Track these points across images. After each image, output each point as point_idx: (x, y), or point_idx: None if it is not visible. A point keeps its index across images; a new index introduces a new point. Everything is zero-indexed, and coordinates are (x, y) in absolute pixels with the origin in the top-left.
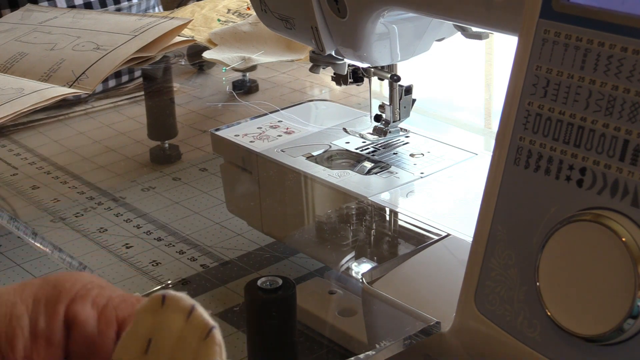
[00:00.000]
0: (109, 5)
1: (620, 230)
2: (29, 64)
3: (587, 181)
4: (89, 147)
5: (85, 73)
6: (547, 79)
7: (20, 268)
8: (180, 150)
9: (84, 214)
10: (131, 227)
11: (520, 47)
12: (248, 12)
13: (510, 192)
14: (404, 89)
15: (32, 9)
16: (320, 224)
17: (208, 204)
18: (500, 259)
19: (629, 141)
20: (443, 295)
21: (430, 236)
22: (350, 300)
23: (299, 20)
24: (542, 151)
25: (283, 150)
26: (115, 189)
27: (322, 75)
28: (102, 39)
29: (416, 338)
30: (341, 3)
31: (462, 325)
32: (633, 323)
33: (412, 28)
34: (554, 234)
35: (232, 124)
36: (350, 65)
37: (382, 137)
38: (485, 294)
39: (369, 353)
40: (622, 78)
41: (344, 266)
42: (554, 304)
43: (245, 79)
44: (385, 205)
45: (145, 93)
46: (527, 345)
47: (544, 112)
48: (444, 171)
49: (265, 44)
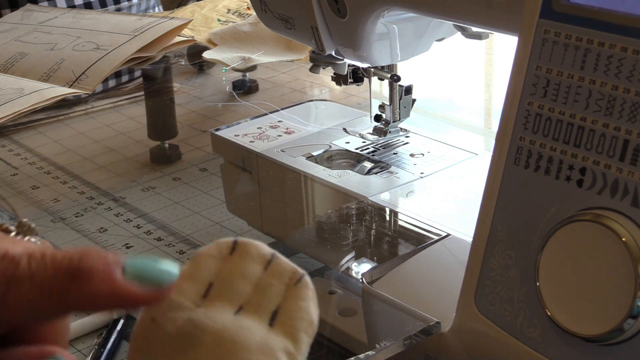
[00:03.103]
0: (109, 5)
1: (620, 230)
2: (29, 64)
3: (587, 181)
4: (89, 147)
5: (85, 73)
6: (547, 79)
7: None
8: (180, 150)
9: (84, 214)
10: (131, 227)
11: (520, 47)
12: (248, 12)
13: (510, 192)
14: (404, 89)
15: (32, 9)
16: (320, 224)
17: (208, 204)
18: (500, 259)
19: (629, 141)
20: (443, 295)
21: (430, 236)
22: (350, 300)
23: (299, 20)
24: (542, 151)
25: (283, 150)
26: (115, 189)
27: (322, 75)
28: (102, 39)
29: (416, 338)
30: (341, 3)
31: (462, 325)
32: (633, 323)
33: (412, 28)
34: (554, 234)
35: (232, 124)
36: (350, 65)
37: (382, 137)
38: (485, 294)
39: (369, 353)
40: (622, 78)
41: (344, 266)
42: (554, 304)
43: (245, 79)
44: (385, 205)
45: (145, 93)
46: (527, 345)
47: (544, 112)
48: (444, 171)
49: (265, 44)
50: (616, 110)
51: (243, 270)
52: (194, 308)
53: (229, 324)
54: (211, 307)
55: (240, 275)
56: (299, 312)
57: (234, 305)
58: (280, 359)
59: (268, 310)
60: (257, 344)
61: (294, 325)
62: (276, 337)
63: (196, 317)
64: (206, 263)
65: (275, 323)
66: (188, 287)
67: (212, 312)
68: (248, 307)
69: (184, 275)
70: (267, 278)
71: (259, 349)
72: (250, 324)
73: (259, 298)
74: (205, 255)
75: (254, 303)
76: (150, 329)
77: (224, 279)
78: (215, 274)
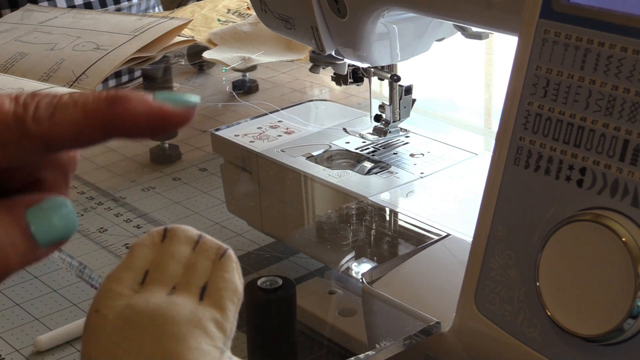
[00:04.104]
0: (109, 5)
1: (620, 230)
2: (29, 64)
3: (587, 181)
4: (89, 147)
5: (85, 73)
6: (547, 79)
7: None
8: (180, 150)
9: (84, 214)
10: (131, 227)
11: (520, 47)
12: (248, 12)
13: (510, 192)
14: (404, 89)
15: (32, 9)
16: (320, 224)
17: (208, 204)
18: (500, 259)
19: (629, 141)
20: (443, 295)
21: (430, 236)
22: (350, 300)
23: (299, 20)
24: (542, 151)
25: (283, 150)
26: (115, 189)
27: (322, 75)
28: (102, 39)
29: (416, 338)
30: (341, 3)
31: (462, 325)
32: (633, 323)
33: (412, 28)
34: (554, 234)
35: (232, 124)
36: (350, 65)
37: (382, 137)
38: (485, 294)
39: (369, 353)
40: (622, 78)
41: (344, 266)
42: (554, 304)
43: (245, 79)
44: (385, 205)
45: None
46: (527, 345)
47: (544, 112)
48: (444, 171)
49: (265, 44)
50: (616, 110)
51: (173, 253)
52: (132, 295)
53: (161, 303)
54: (147, 292)
55: (171, 258)
56: (224, 283)
57: (167, 286)
58: (208, 326)
59: (197, 286)
60: (186, 317)
61: (221, 295)
62: (204, 309)
63: (133, 302)
64: (141, 252)
65: (204, 296)
66: (126, 276)
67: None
68: (180, 287)
69: (122, 266)
70: (195, 257)
71: (188, 321)
72: (181, 300)
73: (189, 276)
74: (140, 245)
75: (184, 282)
76: (94, 319)
77: (157, 264)
78: (149, 260)
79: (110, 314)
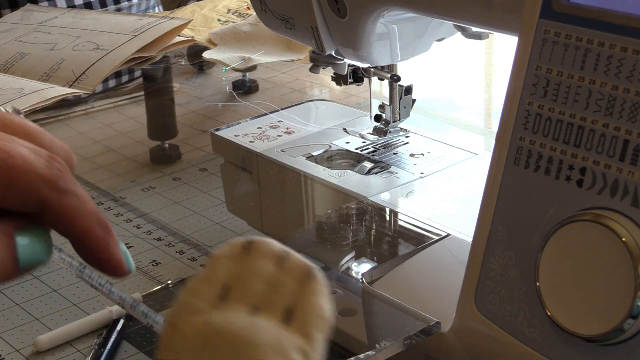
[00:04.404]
0: (109, 5)
1: (620, 230)
2: (29, 64)
3: (587, 181)
4: (89, 147)
5: (85, 73)
6: (547, 79)
7: None
8: (180, 150)
9: None
10: (131, 227)
11: (520, 47)
12: (248, 12)
13: (510, 192)
14: (404, 89)
15: (32, 9)
16: (320, 224)
17: (208, 204)
18: (500, 259)
19: (629, 141)
20: (443, 295)
21: (430, 236)
22: (350, 300)
23: (299, 20)
24: (542, 151)
25: (283, 150)
26: (115, 189)
27: (322, 75)
28: (102, 39)
29: (416, 338)
30: (341, 3)
31: (462, 325)
32: (633, 323)
33: (412, 28)
34: (554, 234)
35: (232, 124)
36: (350, 65)
37: (382, 137)
38: (485, 294)
39: (369, 353)
40: (622, 78)
41: (344, 266)
42: (554, 304)
43: (245, 79)
44: (385, 205)
45: (145, 93)
46: (527, 345)
47: (544, 112)
48: (444, 171)
49: (265, 44)
50: (616, 110)
51: (256, 270)
52: (211, 310)
53: (243, 324)
54: (227, 309)
55: (253, 275)
56: (311, 308)
57: (249, 305)
58: (293, 355)
59: (281, 308)
60: (269, 342)
61: (307, 322)
62: (289, 336)
63: (213, 319)
64: (221, 265)
65: (290, 321)
66: (205, 289)
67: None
68: (263, 306)
69: (201, 278)
70: (279, 275)
71: (272, 348)
72: (264, 323)
73: (273, 296)
74: (220, 257)
75: (268, 302)
76: (171, 334)
77: (238, 280)
78: (230, 274)
79: (187, 331)
